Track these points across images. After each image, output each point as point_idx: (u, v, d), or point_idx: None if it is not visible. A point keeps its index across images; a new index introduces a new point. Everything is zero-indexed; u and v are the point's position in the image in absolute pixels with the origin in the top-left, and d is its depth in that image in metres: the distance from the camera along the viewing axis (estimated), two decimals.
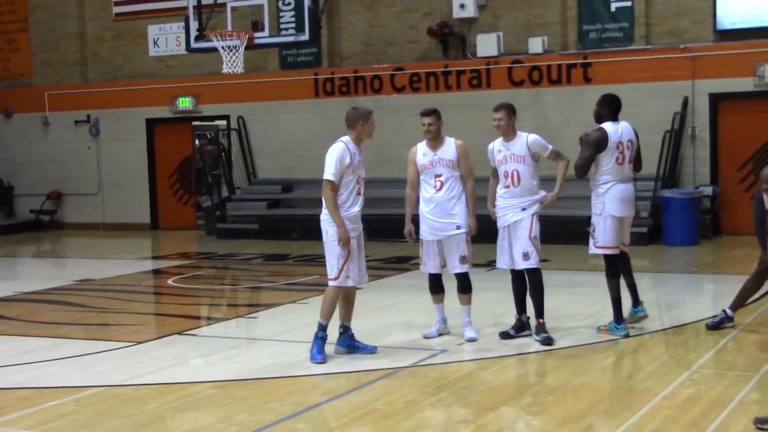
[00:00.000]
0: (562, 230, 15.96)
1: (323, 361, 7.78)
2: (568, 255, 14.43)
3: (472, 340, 8.45)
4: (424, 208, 8.47)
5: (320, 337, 7.89)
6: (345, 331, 8.13)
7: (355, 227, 7.93)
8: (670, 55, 16.43)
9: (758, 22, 15.88)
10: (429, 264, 8.57)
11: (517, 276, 8.53)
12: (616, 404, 6.55)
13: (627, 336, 8.49)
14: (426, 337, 8.57)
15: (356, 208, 7.93)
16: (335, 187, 7.82)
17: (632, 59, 16.67)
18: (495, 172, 8.59)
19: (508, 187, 8.41)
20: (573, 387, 6.97)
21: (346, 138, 7.96)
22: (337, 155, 7.81)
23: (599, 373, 7.44)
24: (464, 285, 8.55)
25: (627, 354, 7.94)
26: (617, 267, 8.74)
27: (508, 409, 6.51)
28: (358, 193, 7.94)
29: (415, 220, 8.54)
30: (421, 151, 8.57)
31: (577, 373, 7.35)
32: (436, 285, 8.66)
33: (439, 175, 8.39)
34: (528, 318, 8.57)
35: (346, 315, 8.13)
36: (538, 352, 8.10)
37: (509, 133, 8.51)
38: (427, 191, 8.45)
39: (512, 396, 6.83)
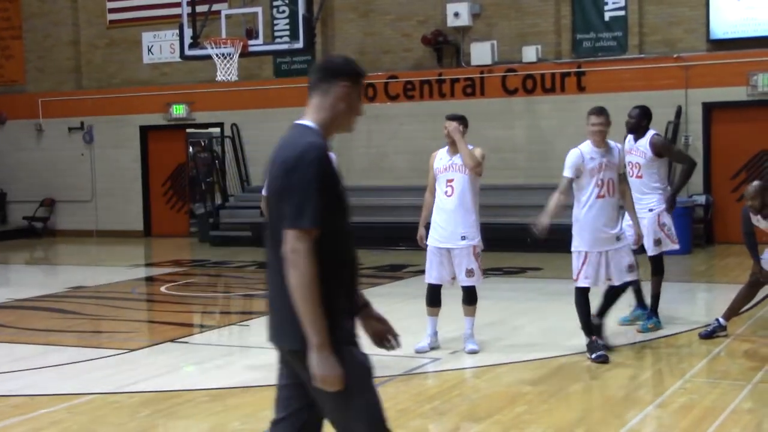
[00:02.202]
0: (554, 239, 15.98)
1: None
2: (560, 263, 14.44)
3: (473, 352, 8.27)
4: (435, 216, 8.27)
5: None
6: None
7: None
8: (663, 64, 16.48)
9: (751, 31, 15.94)
10: (431, 273, 8.32)
11: (615, 291, 8.18)
12: (608, 413, 6.55)
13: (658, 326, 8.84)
14: (418, 352, 8.30)
15: None
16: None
17: (626, 68, 16.71)
18: (570, 183, 8.16)
19: (602, 196, 8.02)
20: (566, 395, 6.97)
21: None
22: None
23: (592, 382, 7.45)
24: (470, 297, 8.33)
25: (620, 363, 7.94)
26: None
27: (501, 417, 6.50)
28: None
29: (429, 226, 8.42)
30: (439, 156, 8.34)
31: (570, 382, 7.35)
32: (434, 297, 8.39)
33: (451, 181, 8.16)
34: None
35: None
36: (531, 360, 8.10)
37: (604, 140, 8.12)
38: (439, 198, 8.23)
39: (505, 404, 6.82)
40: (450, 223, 8.14)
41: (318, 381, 3.52)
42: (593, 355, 7.87)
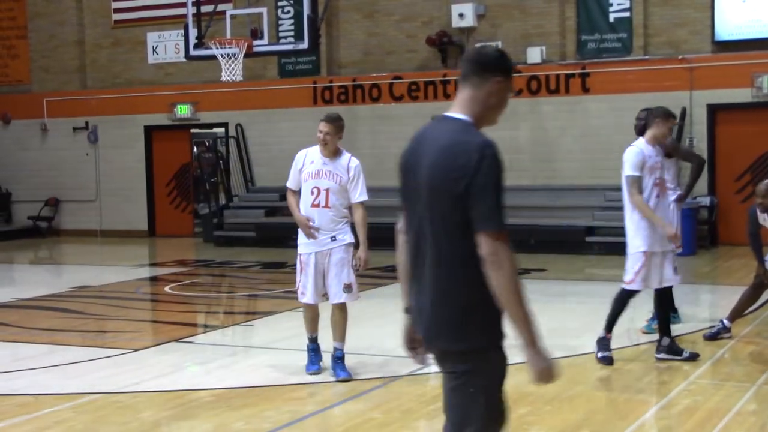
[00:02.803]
0: (558, 240, 15.99)
1: (316, 372, 7.70)
2: (564, 264, 14.45)
3: None
4: None
5: (309, 349, 7.79)
6: (333, 351, 7.68)
7: (314, 242, 7.54)
8: (668, 65, 16.47)
9: (756, 33, 15.92)
10: None
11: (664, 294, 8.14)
12: (612, 414, 6.55)
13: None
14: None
15: (313, 223, 7.55)
16: (294, 194, 7.73)
17: (630, 69, 16.70)
18: (640, 182, 7.83)
19: (660, 196, 7.90)
20: (569, 397, 6.97)
21: (316, 146, 7.70)
22: (293, 162, 7.71)
23: (596, 382, 7.45)
24: None
25: (624, 364, 7.94)
26: None
27: None
28: (314, 205, 7.51)
29: None
30: None
31: (574, 383, 7.34)
32: None
33: None
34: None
35: (333, 334, 7.70)
36: None
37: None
38: None
39: (509, 405, 6.81)
40: None
41: (536, 377, 3.57)
42: (600, 354, 7.87)
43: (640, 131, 9.08)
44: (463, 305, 3.52)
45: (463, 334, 3.55)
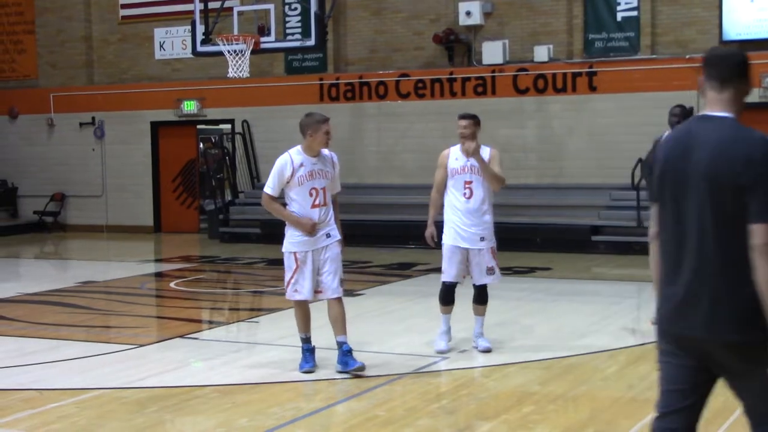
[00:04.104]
0: (564, 239, 15.97)
1: (310, 370, 7.66)
2: (569, 263, 14.43)
3: (487, 350, 8.23)
4: (450, 216, 8.15)
5: (304, 349, 7.79)
6: (339, 346, 7.66)
7: (310, 240, 7.61)
8: (675, 65, 16.42)
9: (764, 33, 15.88)
10: (450, 272, 8.20)
11: None
12: (617, 414, 6.54)
13: None
14: (439, 353, 8.23)
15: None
16: (274, 200, 7.70)
17: (638, 69, 16.66)
18: None
19: None
20: (574, 396, 6.96)
21: (296, 148, 7.72)
22: (276, 169, 7.63)
23: (601, 382, 7.43)
24: (482, 296, 8.31)
25: (629, 363, 7.93)
26: None
27: (509, 417, 6.49)
28: (314, 206, 7.56)
29: (438, 225, 8.32)
30: (454, 155, 8.13)
31: (579, 383, 7.33)
32: (449, 295, 8.31)
33: (470, 183, 8.06)
34: None
35: (335, 330, 7.72)
36: (540, 360, 8.09)
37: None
38: (456, 198, 8.11)
39: (513, 404, 6.81)
40: (469, 225, 8.08)
41: None
42: None
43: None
44: (747, 296, 3.62)
45: (752, 326, 3.66)
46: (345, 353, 7.61)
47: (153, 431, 6.34)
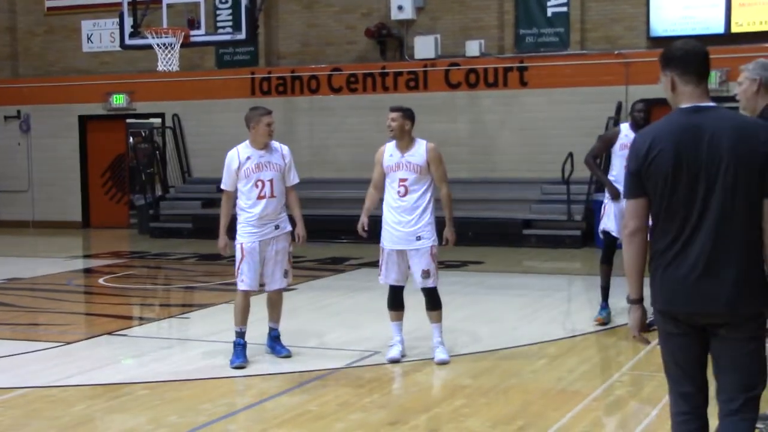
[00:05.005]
0: (496, 232, 16.09)
1: (241, 365, 7.61)
2: (502, 257, 14.55)
3: (443, 362, 7.66)
4: (386, 215, 7.76)
5: (237, 344, 7.73)
6: (269, 331, 8.05)
7: (259, 231, 7.71)
8: (604, 60, 16.65)
9: (690, 30, 16.14)
10: (389, 275, 7.74)
11: None
12: (547, 406, 6.60)
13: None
14: (391, 362, 7.75)
15: (256, 210, 7.66)
16: (230, 195, 7.84)
17: (567, 64, 16.86)
18: None
19: None
20: (505, 389, 7.01)
21: (244, 142, 7.83)
22: (225, 163, 7.79)
23: (531, 375, 7.50)
24: (433, 301, 7.75)
25: (558, 356, 8.02)
26: None
27: (440, 410, 6.52)
28: (260, 197, 7.64)
29: (376, 222, 7.85)
30: (389, 152, 7.74)
31: (509, 375, 7.39)
32: (396, 299, 7.83)
33: (404, 180, 7.62)
34: None
35: (270, 316, 8.02)
36: (471, 354, 8.13)
37: None
38: (390, 196, 7.69)
39: (445, 398, 6.84)
40: (403, 224, 7.66)
41: None
42: None
43: (644, 123, 9.16)
44: (764, 269, 3.89)
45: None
46: (273, 338, 7.94)
47: (81, 430, 6.24)
